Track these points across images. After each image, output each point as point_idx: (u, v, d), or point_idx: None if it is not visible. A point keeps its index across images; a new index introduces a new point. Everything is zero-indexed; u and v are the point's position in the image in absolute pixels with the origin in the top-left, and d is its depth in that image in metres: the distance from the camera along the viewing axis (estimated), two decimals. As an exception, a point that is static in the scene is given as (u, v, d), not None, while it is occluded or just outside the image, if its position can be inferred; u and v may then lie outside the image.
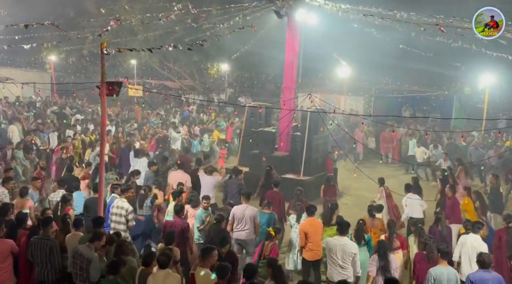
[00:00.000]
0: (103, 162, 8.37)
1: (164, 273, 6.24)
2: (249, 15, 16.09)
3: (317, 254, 8.39)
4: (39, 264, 6.98)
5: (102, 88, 7.86)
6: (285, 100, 14.96)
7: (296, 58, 15.67)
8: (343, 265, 7.40)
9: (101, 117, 8.43)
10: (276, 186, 10.82)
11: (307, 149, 14.29)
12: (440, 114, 26.28)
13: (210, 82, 35.60)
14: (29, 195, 9.51)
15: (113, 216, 8.73)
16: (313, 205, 8.99)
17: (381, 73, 27.75)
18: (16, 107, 22.88)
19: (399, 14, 13.54)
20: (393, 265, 7.29)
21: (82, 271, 6.63)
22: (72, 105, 25.96)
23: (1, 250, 6.94)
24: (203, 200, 9.42)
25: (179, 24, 22.12)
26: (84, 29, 22.83)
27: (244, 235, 8.92)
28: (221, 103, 23.67)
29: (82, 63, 33.72)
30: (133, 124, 19.68)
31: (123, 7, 24.01)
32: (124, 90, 25.21)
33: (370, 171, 15.26)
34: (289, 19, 15.04)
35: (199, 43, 10.50)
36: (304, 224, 8.62)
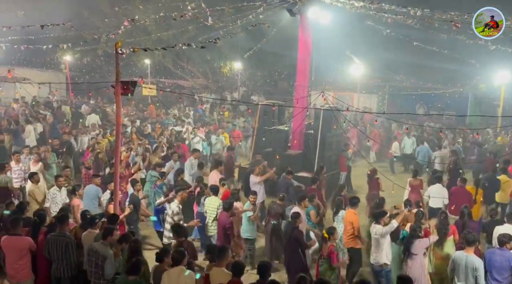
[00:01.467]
0: (117, 159, 8.45)
1: (178, 270, 6.25)
2: (262, 13, 16.09)
3: (347, 242, 8.86)
4: (56, 260, 7.09)
5: (116, 87, 7.93)
6: (298, 98, 14.95)
7: (309, 56, 15.62)
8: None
9: (116, 116, 8.51)
10: (314, 183, 11.11)
11: (320, 147, 14.28)
12: (455, 111, 26.04)
13: (223, 81, 35.74)
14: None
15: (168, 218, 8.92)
16: (356, 196, 9.43)
17: (395, 71, 27.57)
18: (33, 106, 23.20)
19: (413, 11, 13.44)
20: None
21: (98, 268, 6.70)
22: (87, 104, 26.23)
23: (19, 247, 7.05)
24: (250, 195, 9.85)
25: (192, 23, 22.23)
26: (98, 29, 23.10)
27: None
28: (234, 101, 23.73)
29: (96, 63, 34.08)
30: (147, 125, 19.53)
31: (137, 7, 24.21)
32: (138, 89, 25.45)
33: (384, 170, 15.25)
34: (302, 17, 15.00)
35: (212, 41, 10.55)
36: (349, 214, 8.97)
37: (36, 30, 11.63)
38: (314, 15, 14.76)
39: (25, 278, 7.12)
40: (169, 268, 6.35)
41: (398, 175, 17.08)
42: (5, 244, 7.01)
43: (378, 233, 7.97)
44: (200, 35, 22.18)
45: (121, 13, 23.21)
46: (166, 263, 6.46)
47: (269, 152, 14.82)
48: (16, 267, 6.98)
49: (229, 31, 17.16)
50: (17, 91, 22.80)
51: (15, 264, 6.98)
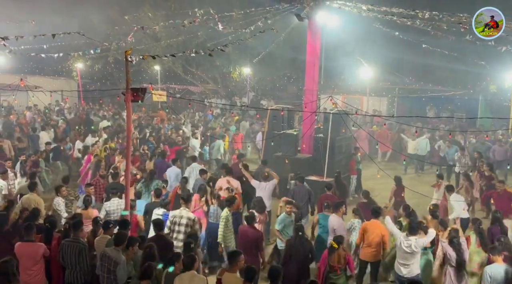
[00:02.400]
0: (129, 166, 8.54)
1: (189, 275, 6.31)
2: (270, 18, 16.19)
3: (373, 254, 8.44)
4: (69, 266, 7.17)
5: (127, 94, 8.03)
6: (307, 102, 14.99)
7: (317, 60, 15.67)
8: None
9: (127, 123, 8.61)
10: (329, 189, 10.93)
11: (330, 151, 14.26)
12: (465, 113, 25.89)
13: (232, 86, 35.87)
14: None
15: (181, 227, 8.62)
16: (379, 207, 9.06)
17: (404, 73, 27.49)
18: (46, 114, 23.51)
19: (421, 13, 13.42)
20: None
21: (110, 274, 6.76)
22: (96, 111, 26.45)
23: (33, 253, 7.13)
24: (287, 205, 9.40)
25: (202, 29, 22.40)
26: (109, 36, 23.37)
27: None
28: (243, 106, 23.76)
29: (107, 70, 34.40)
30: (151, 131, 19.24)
31: (147, 15, 24.45)
32: (149, 95, 25.66)
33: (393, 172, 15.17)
34: (310, 21, 15.07)
35: (220, 48, 10.61)
36: (366, 223, 8.73)
37: (47, 39, 11.80)
38: (322, 19, 14.83)
39: (39, 283, 7.20)
40: (180, 272, 6.40)
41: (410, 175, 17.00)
42: (19, 251, 7.10)
43: (418, 246, 7.64)
44: (209, 41, 22.32)
45: (131, 21, 23.49)
46: (178, 268, 6.50)
47: (279, 157, 14.87)
48: (30, 273, 7.08)
49: (238, 37, 17.27)
50: (30, 99, 23.09)
51: (29, 270, 7.07)
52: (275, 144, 15.12)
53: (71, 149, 16.38)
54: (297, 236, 8.06)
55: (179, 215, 8.55)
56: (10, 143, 15.97)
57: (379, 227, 8.45)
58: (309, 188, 11.33)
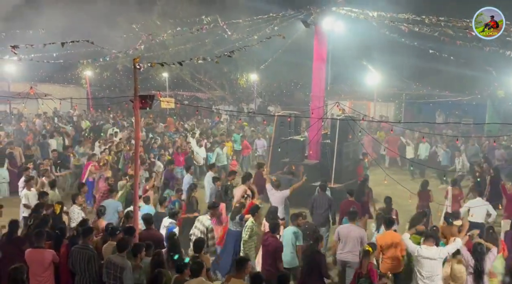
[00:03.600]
0: (137, 173, 8.60)
1: (197, 282, 6.33)
2: (277, 25, 16.27)
3: (394, 266, 8.29)
4: (79, 273, 7.22)
5: (135, 102, 8.09)
6: (314, 108, 15.03)
7: (324, 66, 15.70)
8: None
9: (135, 130, 8.68)
10: (351, 195, 10.83)
11: (337, 157, 14.28)
12: (473, 118, 25.74)
13: (239, 92, 36.03)
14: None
15: (196, 230, 8.70)
16: (392, 218, 8.88)
17: (411, 79, 27.45)
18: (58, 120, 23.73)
19: (428, 19, 13.43)
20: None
21: (116, 281, 6.80)
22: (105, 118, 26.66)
23: (43, 260, 7.19)
24: (299, 217, 8.99)
25: (209, 36, 22.54)
26: (117, 44, 23.57)
27: (351, 257, 8.57)
28: (250, 113, 23.85)
29: (116, 77, 34.69)
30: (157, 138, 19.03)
31: (155, 22, 24.66)
32: (157, 102, 25.85)
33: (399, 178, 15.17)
34: (317, 28, 15.11)
35: (227, 54, 10.67)
36: (380, 237, 8.52)
37: (57, 47, 11.94)
38: (329, 25, 14.87)
39: (49, 290, 7.26)
40: (189, 279, 6.43)
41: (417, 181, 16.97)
42: (29, 257, 7.16)
43: (442, 254, 7.47)
44: (216, 48, 22.46)
45: (139, 29, 23.70)
46: (186, 274, 6.53)
47: (286, 163, 14.89)
48: (40, 279, 7.14)
49: (245, 44, 17.37)
50: (40, 107, 23.34)
51: (39, 276, 7.13)
52: (282, 150, 15.15)
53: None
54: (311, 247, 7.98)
55: (199, 220, 8.74)
56: (21, 150, 16.16)
57: (394, 237, 8.31)
58: (331, 197, 11.13)
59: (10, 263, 6.48)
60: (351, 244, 8.57)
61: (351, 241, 8.58)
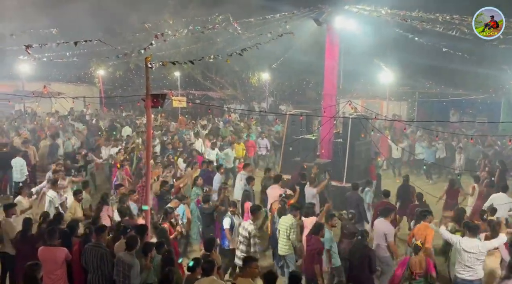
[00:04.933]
0: (149, 172, 8.64)
1: (209, 280, 6.33)
2: (288, 23, 16.21)
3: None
4: (91, 270, 7.28)
5: (147, 100, 8.13)
6: (326, 107, 14.96)
7: (336, 64, 15.63)
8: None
9: (147, 129, 8.71)
10: (386, 196, 10.84)
11: (349, 156, 14.21)
12: (487, 117, 25.41)
13: (251, 91, 36.01)
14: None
15: (241, 238, 8.62)
16: (426, 210, 9.03)
17: (424, 77, 27.18)
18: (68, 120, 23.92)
19: (441, 17, 13.28)
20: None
21: (125, 278, 6.85)
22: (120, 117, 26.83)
23: (56, 258, 7.24)
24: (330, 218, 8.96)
25: (221, 35, 22.55)
26: (130, 43, 23.70)
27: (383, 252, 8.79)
28: (262, 112, 23.83)
29: (128, 76, 34.90)
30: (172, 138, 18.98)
31: (167, 21, 24.72)
32: (169, 101, 25.96)
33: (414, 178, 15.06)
34: (329, 26, 15.04)
35: (238, 52, 10.66)
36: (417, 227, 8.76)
37: (70, 46, 12.02)
38: (341, 24, 14.79)
39: (62, 287, 7.32)
40: (200, 277, 6.44)
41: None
42: (42, 255, 7.22)
43: (484, 249, 7.43)
44: (228, 47, 22.47)
45: (151, 28, 23.79)
46: (198, 273, 6.55)
47: (297, 162, 14.85)
48: (53, 277, 7.19)
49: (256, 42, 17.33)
50: (53, 106, 23.56)
51: (52, 274, 7.18)
52: (293, 149, 15.11)
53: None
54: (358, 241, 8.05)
55: (243, 226, 8.62)
56: (35, 149, 16.30)
57: (426, 230, 8.48)
58: (361, 196, 11.25)
59: (25, 261, 6.54)
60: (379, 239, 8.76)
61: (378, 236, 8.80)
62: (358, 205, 10.83)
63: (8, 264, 8.38)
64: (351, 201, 11.01)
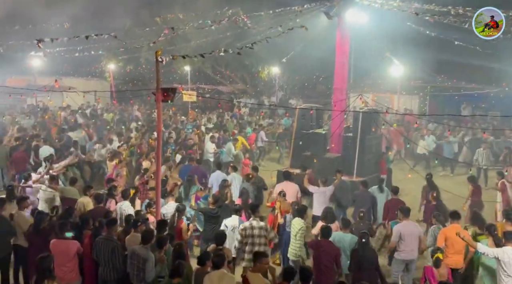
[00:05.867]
0: (159, 167, 8.68)
1: (219, 274, 6.36)
2: (299, 17, 16.14)
3: (456, 262, 8.07)
4: (103, 263, 7.34)
5: (157, 94, 8.17)
6: (336, 101, 14.89)
7: (347, 58, 15.54)
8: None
9: (157, 123, 8.75)
10: (395, 193, 10.66)
11: (359, 150, 14.15)
12: (500, 111, 25.08)
13: (261, 85, 35.96)
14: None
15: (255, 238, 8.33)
16: (457, 211, 8.68)
17: (436, 71, 26.94)
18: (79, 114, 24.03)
19: (454, 10, 13.13)
20: None
21: (139, 271, 6.90)
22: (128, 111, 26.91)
23: (68, 250, 7.33)
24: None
25: (231, 29, 22.51)
26: (140, 38, 23.78)
27: (413, 255, 8.49)
28: (272, 106, 23.77)
29: (139, 70, 35.01)
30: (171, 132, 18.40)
31: (177, 16, 24.75)
32: (179, 95, 25.99)
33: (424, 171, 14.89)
34: (339, 20, 14.95)
35: (248, 46, 10.61)
36: (446, 229, 8.33)
37: (81, 41, 12.10)
38: (352, 17, 14.68)
39: (73, 280, 7.41)
40: (210, 271, 6.47)
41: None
42: (54, 247, 7.29)
43: None
44: (238, 41, 22.42)
45: (162, 22, 23.87)
46: (208, 266, 6.59)
47: (307, 156, 14.81)
48: (65, 269, 7.27)
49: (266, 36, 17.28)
50: (64, 100, 23.72)
51: (64, 266, 7.27)
52: (304, 143, 15.08)
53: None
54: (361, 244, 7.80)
55: (249, 226, 8.29)
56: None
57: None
58: (373, 195, 11.01)
59: (37, 253, 6.60)
60: (413, 242, 8.40)
61: (413, 239, 8.40)
62: (373, 204, 10.55)
63: (21, 257, 8.46)
64: (363, 200, 10.76)
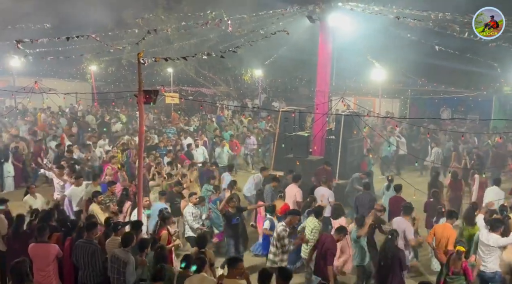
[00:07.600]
0: (141, 170, 8.60)
1: (199, 277, 6.33)
2: (282, 20, 16.20)
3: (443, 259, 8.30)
4: (82, 267, 7.24)
5: (139, 96, 8.10)
6: (319, 104, 14.98)
7: (329, 61, 15.65)
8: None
9: (139, 125, 8.68)
10: (398, 191, 10.86)
11: (341, 153, 14.26)
12: (478, 115, 25.54)
13: (244, 88, 35.98)
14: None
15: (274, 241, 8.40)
16: (454, 211, 9.03)
17: (417, 75, 27.30)
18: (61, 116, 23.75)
19: (434, 14, 13.34)
20: None
21: (120, 275, 6.84)
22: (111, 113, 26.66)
23: (47, 254, 7.21)
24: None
25: (214, 32, 22.49)
26: (122, 39, 23.58)
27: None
28: (255, 108, 23.82)
29: (121, 72, 34.76)
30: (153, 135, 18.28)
31: (159, 17, 24.62)
32: (162, 97, 25.85)
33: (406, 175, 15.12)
34: (322, 23, 15.06)
35: (232, 50, 10.62)
36: (437, 225, 8.84)
37: (62, 42, 11.94)
38: (334, 21, 14.79)
39: (52, 284, 7.28)
40: (192, 274, 6.43)
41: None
42: (33, 252, 7.19)
43: (498, 243, 7.78)
44: (221, 43, 22.43)
45: (144, 24, 23.68)
46: (190, 269, 6.53)
47: (290, 159, 14.85)
48: (43, 274, 7.16)
49: (249, 39, 17.29)
50: (44, 102, 23.39)
51: (42, 271, 7.16)
52: (286, 146, 15.11)
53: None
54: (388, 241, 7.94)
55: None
56: (25, 144, 16.18)
57: (448, 231, 8.48)
58: (374, 196, 11.20)
59: (15, 258, 6.48)
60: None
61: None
62: (371, 205, 10.51)
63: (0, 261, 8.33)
64: (365, 201, 10.82)
